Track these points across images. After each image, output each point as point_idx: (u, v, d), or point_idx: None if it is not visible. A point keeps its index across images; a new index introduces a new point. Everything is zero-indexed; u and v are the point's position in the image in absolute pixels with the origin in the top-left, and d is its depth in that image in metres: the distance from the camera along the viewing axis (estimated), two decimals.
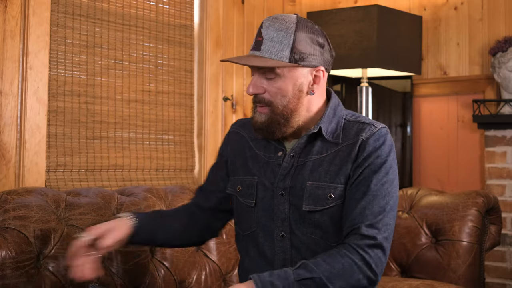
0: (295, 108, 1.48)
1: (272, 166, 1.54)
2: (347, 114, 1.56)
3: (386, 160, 1.46)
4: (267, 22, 1.47)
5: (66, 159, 2.31)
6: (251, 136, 1.62)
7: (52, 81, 2.28)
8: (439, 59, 3.34)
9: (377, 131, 1.49)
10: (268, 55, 1.44)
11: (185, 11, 2.81)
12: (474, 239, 2.26)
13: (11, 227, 1.62)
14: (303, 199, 1.48)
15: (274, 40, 1.44)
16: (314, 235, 1.48)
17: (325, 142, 1.51)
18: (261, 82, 1.47)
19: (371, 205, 1.41)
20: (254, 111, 1.51)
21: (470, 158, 3.24)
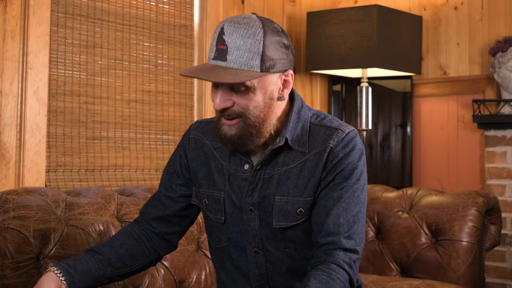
0: (266, 117, 1.38)
1: (239, 181, 1.45)
2: (311, 115, 1.47)
3: (357, 166, 1.40)
4: (229, 28, 1.32)
5: (66, 159, 2.32)
6: (214, 145, 1.51)
7: (52, 81, 2.28)
8: (439, 59, 3.34)
9: (345, 136, 1.41)
10: (237, 66, 1.31)
11: (185, 11, 2.81)
12: (474, 239, 2.26)
13: (11, 227, 1.62)
14: (273, 215, 1.42)
15: (242, 48, 1.31)
16: (287, 249, 1.44)
17: (291, 151, 1.42)
18: (228, 94, 1.34)
19: (345, 213, 1.37)
20: (220, 123, 1.38)
21: (470, 158, 3.24)
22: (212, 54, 1.35)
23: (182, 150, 1.57)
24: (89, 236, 1.77)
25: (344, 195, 1.38)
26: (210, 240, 1.57)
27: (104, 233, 1.82)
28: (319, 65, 3.09)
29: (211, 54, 1.36)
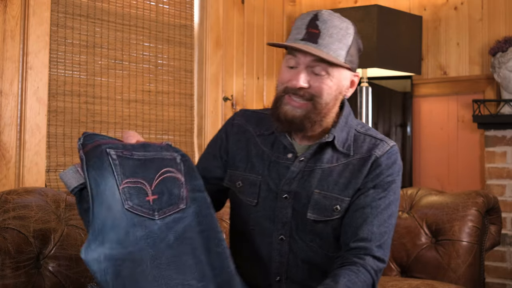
0: (331, 109, 1.46)
1: (279, 167, 1.50)
2: (357, 124, 1.54)
3: (395, 180, 1.48)
4: (324, 15, 1.40)
5: (66, 159, 2.31)
6: (257, 132, 1.57)
7: (52, 81, 2.28)
8: (439, 59, 3.34)
9: (390, 149, 1.49)
10: (327, 51, 1.39)
11: (185, 11, 2.81)
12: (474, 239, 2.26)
13: (11, 227, 1.62)
14: (308, 207, 1.46)
15: (334, 36, 1.39)
16: (313, 243, 1.47)
17: (336, 152, 1.49)
18: (307, 75, 1.41)
19: (380, 223, 1.43)
20: (284, 101, 1.43)
21: (470, 158, 3.23)
22: (300, 36, 1.40)
23: (224, 134, 1.63)
24: None
25: (381, 205, 1.44)
26: (232, 224, 1.61)
27: None
28: None
29: (298, 35, 1.41)
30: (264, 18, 3.23)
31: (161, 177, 1.34)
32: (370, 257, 1.41)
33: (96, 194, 1.26)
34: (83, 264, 1.71)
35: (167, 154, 1.39)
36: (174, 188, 1.34)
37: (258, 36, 3.19)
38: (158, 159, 1.36)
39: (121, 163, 1.30)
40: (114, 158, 1.30)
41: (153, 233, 1.28)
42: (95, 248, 1.21)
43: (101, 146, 1.31)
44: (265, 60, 3.23)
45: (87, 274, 1.72)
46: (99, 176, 1.27)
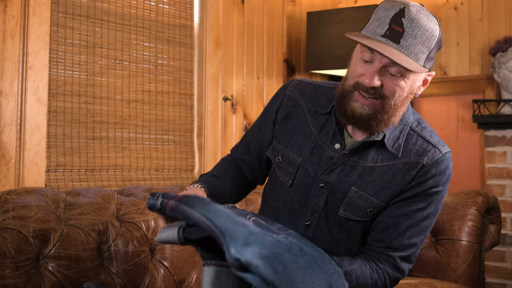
0: (400, 108, 1.38)
1: (322, 154, 1.44)
2: (414, 121, 1.46)
3: (440, 191, 1.42)
4: (412, 12, 1.29)
5: (66, 159, 2.32)
6: (309, 108, 1.50)
7: (52, 81, 2.28)
8: (439, 59, 3.34)
9: (441, 157, 1.41)
10: (407, 54, 1.29)
11: (185, 11, 2.81)
12: (474, 239, 2.26)
13: (11, 227, 1.62)
14: (342, 203, 1.42)
15: (418, 38, 1.29)
16: (339, 235, 1.45)
17: (384, 150, 1.41)
18: (381, 74, 1.32)
19: (411, 236, 1.39)
20: (352, 97, 1.35)
21: (470, 158, 3.23)
22: (382, 31, 1.30)
23: (276, 103, 1.57)
24: (89, 236, 1.77)
25: (417, 217, 1.39)
26: (264, 194, 1.59)
27: (103, 233, 1.83)
28: (319, 65, 3.09)
29: (379, 30, 1.31)
30: (264, 18, 3.23)
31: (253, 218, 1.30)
32: (391, 264, 1.39)
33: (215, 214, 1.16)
34: (83, 264, 1.71)
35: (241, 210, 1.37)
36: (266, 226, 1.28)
37: (258, 36, 3.19)
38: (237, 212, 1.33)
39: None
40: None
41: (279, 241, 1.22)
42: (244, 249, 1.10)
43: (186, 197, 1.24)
44: (265, 60, 3.23)
45: (86, 274, 1.72)
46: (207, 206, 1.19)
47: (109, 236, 1.83)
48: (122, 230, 1.87)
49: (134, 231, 1.90)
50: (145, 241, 1.92)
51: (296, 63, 3.41)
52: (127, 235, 1.87)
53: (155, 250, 1.96)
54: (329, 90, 1.52)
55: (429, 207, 1.41)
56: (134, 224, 1.91)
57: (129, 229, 1.89)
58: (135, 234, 1.89)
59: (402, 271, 1.40)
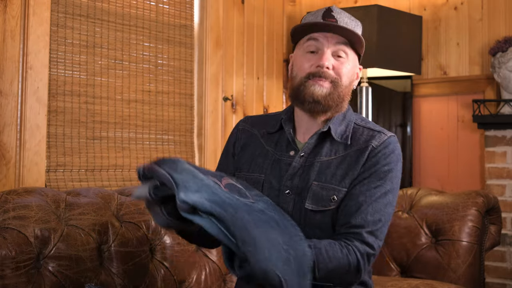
0: (346, 94, 1.53)
1: (281, 165, 1.55)
2: (356, 118, 1.59)
3: (392, 169, 1.50)
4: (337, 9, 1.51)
5: (66, 159, 2.32)
6: (261, 133, 1.63)
7: (52, 81, 2.28)
8: (439, 59, 3.34)
9: (387, 139, 1.52)
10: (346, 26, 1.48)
11: (185, 11, 2.81)
12: (474, 239, 2.26)
13: (11, 227, 1.62)
14: (306, 198, 1.49)
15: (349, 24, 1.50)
16: (314, 236, 1.48)
17: (334, 143, 1.53)
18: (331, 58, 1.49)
19: (373, 211, 1.45)
20: (309, 84, 1.49)
21: (470, 158, 3.23)
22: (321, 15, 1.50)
23: (232, 138, 1.70)
24: (89, 236, 1.77)
25: (375, 194, 1.46)
26: None
27: (104, 233, 1.82)
28: None
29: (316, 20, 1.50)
30: (264, 18, 3.23)
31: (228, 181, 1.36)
32: (358, 241, 1.42)
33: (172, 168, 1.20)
34: (83, 264, 1.71)
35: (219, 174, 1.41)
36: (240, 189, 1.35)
37: (258, 36, 3.19)
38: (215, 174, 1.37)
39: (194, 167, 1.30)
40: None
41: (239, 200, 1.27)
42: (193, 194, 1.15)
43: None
44: (265, 60, 3.23)
45: (86, 274, 1.72)
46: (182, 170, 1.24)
47: (110, 236, 1.83)
48: (123, 230, 1.87)
49: (134, 231, 1.89)
50: (146, 241, 1.92)
51: None
52: (128, 235, 1.87)
53: (155, 251, 1.96)
54: (276, 115, 1.67)
55: (385, 185, 1.48)
56: (135, 224, 1.91)
57: (130, 229, 1.89)
58: (136, 234, 1.89)
59: (371, 246, 1.43)
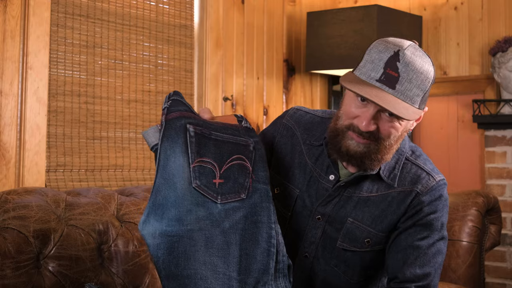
0: (394, 147, 1.36)
1: (318, 186, 1.44)
2: (409, 149, 1.45)
3: (439, 217, 1.38)
4: (407, 56, 1.27)
5: (66, 159, 2.32)
6: (304, 139, 1.50)
7: (52, 81, 2.28)
8: (439, 59, 3.34)
9: (435, 184, 1.39)
10: (403, 99, 1.26)
11: (185, 11, 2.81)
12: (474, 239, 2.26)
13: (11, 227, 1.62)
14: (340, 234, 1.41)
15: (413, 82, 1.26)
16: (337, 268, 1.45)
17: (378, 180, 1.41)
18: (376, 117, 1.30)
19: (422, 264, 1.36)
20: (347, 136, 1.33)
21: (470, 158, 3.23)
22: (378, 76, 1.27)
23: (272, 133, 1.56)
24: (89, 236, 1.77)
25: (423, 246, 1.36)
26: None
27: (104, 233, 1.82)
28: (319, 65, 3.09)
29: (373, 74, 1.28)
30: (264, 18, 3.23)
31: (231, 163, 1.33)
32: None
33: (163, 167, 1.27)
34: (83, 264, 1.71)
35: (243, 139, 1.37)
36: (240, 177, 1.32)
37: (258, 36, 3.19)
38: (233, 144, 1.35)
39: (197, 141, 1.31)
40: (192, 135, 1.31)
41: (213, 216, 1.28)
42: (152, 223, 1.23)
43: (182, 120, 1.32)
44: (265, 60, 3.23)
45: (87, 274, 1.72)
46: (171, 150, 1.28)
47: (110, 236, 1.83)
48: (123, 230, 1.87)
49: (134, 231, 1.89)
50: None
51: (296, 63, 3.41)
52: (128, 235, 1.87)
53: None
54: (324, 122, 1.51)
55: (433, 235, 1.38)
56: (135, 224, 1.91)
57: (130, 229, 1.89)
58: (136, 234, 1.89)
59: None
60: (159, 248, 1.22)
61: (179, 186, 1.27)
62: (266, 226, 1.31)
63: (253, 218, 1.31)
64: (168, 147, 1.29)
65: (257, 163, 1.36)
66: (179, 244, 1.23)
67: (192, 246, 1.24)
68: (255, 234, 1.30)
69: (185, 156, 1.29)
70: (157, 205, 1.24)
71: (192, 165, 1.29)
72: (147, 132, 1.35)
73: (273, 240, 1.31)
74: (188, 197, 1.27)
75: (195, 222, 1.26)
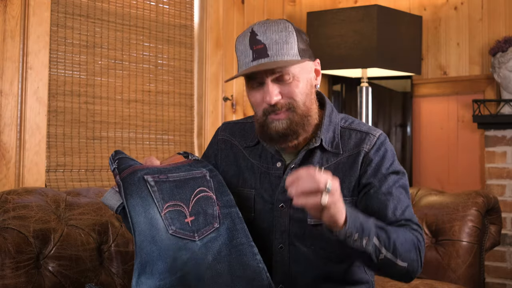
0: (311, 106, 1.45)
1: (271, 178, 1.50)
2: (340, 119, 1.54)
3: (392, 163, 1.48)
4: (260, 28, 1.40)
5: (66, 159, 2.32)
6: (243, 144, 1.58)
7: (52, 81, 2.28)
8: (439, 59, 3.34)
9: (377, 140, 1.49)
10: (280, 57, 1.38)
11: (185, 11, 2.81)
12: (474, 239, 2.26)
13: (11, 227, 1.62)
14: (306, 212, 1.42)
15: (279, 41, 1.38)
16: (314, 247, 1.46)
17: (325, 152, 1.48)
18: (275, 88, 1.40)
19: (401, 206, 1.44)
20: (267, 122, 1.42)
21: (470, 158, 3.23)
22: (250, 58, 1.39)
23: (212, 151, 1.64)
24: (89, 236, 1.77)
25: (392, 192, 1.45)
26: None
27: (104, 233, 1.82)
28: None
29: (247, 59, 1.40)
30: (264, 18, 3.23)
31: (196, 198, 1.37)
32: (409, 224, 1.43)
33: (137, 224, 1.29)
34: (83, 264, 1.71)
35: (197, 172, 1.42)
36: (208, 208, 1.37)
37: None
38: (191, 179, 1.40)
39: (159, 188, 1.34)
40: (152, 184, 1.34)
41: (195, 254, 1.31)
42: (145, 281, 1.25)
43: (137, 173, 1.34)
44: None
45: (87, 274, 1.72)
46: (138, 206, 1.30)
47: (110, 236, 1.83)
48: (122, 230, 1.87)
49: None
50: None
51: None
52: (128, 235, 1.87)
53: None
54: (253, 124, 1.58)
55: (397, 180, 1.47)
56: None
57: None
58: None
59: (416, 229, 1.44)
60: None
61: (158, 238, 1.29)
62: (247, 245, 1.36)
63: (232, 242, 1.35)
64: (135, 203, 1.30)
65: (218, 189, 1.41)
66: None
67: None
68: (240, 257, 1.34)
69: (154, 207, 1.32)
70: (144, 264, 1.27)
71: (162, 213, 1.32)
72: (105, 197, 1.37)
73: (258, 257, 1.36)
74: (169, 246, 1.30)
75: (183, 266, 1.29)
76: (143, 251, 1.28)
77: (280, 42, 1.38)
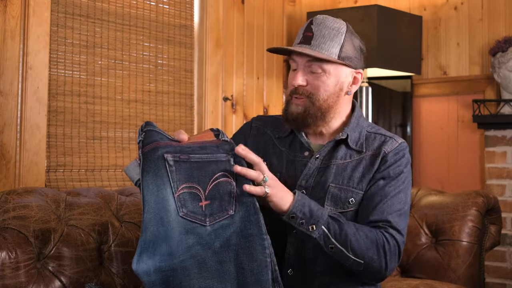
0: (332, 105, 1.55)
1: (297, 165, 1.59)
2: (367, 125, 1.64)
3: (403, 171, 1.55)
4: (318, 19, 1.53)
5: (66, 159, 2.32)
6: (275, 134, 1.67)
7: (52, 81, 2.28)
8: (439, 59, 3.34)
9: (398, 145, 1.58)
10: (319, 50, 1.50)
11: (185, 11, 2.81)
12: (474, 239, 2.26)
13: (11, 227, 1.62)
14: (325, 200, 1.52)
15: (326, 36, 1.51)
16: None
17: (349, 149, 1.58)
18: (305, 74, 1.53)
19: (390, 208, 1.50)
20: (290, 102, 1.55)
21: (470, 158, 3.23)
22: (298, 40, 1.55)
23: (242, 136, 1.71)
24: (89, 236, 1.77)
25: (391, 193, 1.52)
26: None
27: (104, 233, 1.82)
28: None
29: (297, 40, 1.56)
30: (264, 18, 3.23)
31: (215, 182, 1.37)
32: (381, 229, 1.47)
33: (148, 203, 1.29)
34: (83, 264, 1.71)
35: (222, 156, 1.40)
36: (225, 194, 1.36)
37: (258, 36, 3.19)
38: (214, 162, 1.38)
39: (177, 168, 1.34)
40: (171, 164, 1.34)
41: (203, 239, 1.31)
42: (146, 261, 1.26)
43: (158, 150, 1.34)
44: (265, 60, 3.23)
45: (87, 274, 1.72)
46: (153, 184, 1.30)
47: (110, 236, 1.83)
48: (123, 230, 1.87)
49: (134, 231, 1.89)
50: None
51: None
52: (128, 235, 1.87)
53: None
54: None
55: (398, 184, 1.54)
56: (135, 224, 1.91)
57: (130, 229, 1.89)
58: (136, 234, 1.89)
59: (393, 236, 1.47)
60: (154, 284, 1.25)
61: (166, 220, 1.29)
62: (258, 238, 1.35)
63: (243, 232, 1.34)
64: (149, 181, 1.30)
65: (240, 176, 1.39)
66: (173, 277, 1.27)
67: (186, 276, 1.27)
68: (249, 248, 1.33)
69: (168, 187, 1.31)
70: (147, 243, 1.27)
71: (176, 195, 1.31)
72: (127, 168, 1.37)
73: (267, 251, 1.34)
74: (176, 229, 1.29)
75: (186, 251, 1.29)
76: (149, 230, 1.28)
77: (326, 37, 1.51)
